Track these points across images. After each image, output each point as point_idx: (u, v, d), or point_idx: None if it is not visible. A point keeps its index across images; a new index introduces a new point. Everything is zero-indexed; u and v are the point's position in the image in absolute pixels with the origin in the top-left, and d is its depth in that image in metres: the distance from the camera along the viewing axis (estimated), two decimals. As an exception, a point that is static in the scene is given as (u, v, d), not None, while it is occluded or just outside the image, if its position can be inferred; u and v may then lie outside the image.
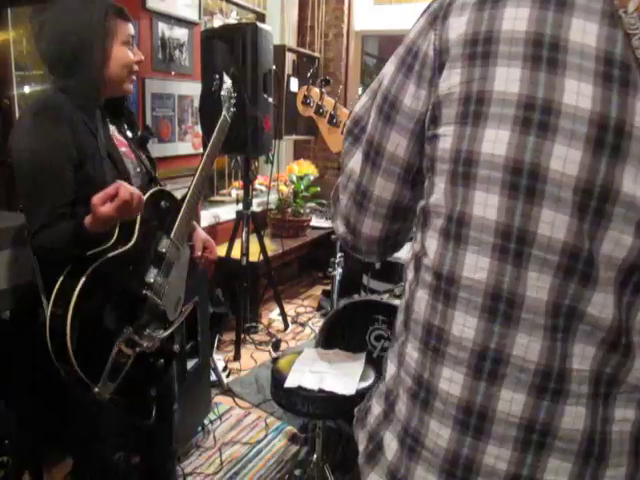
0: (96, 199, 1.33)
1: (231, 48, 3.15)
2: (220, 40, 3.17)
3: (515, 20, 0.66)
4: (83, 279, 1.39)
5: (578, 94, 0.63)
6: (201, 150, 3.58)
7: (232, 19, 4.19)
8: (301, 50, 4.85)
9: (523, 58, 0.65)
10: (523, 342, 0.65)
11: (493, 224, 0.66)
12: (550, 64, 0.64)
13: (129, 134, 1.69)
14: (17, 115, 3.46)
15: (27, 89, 4.04)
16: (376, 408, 0.83)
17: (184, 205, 1.69)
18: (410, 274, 0.78)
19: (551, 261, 0.64)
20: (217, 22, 3.92)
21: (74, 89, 1.49)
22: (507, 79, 0.66)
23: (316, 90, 1.24)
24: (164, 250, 1.62)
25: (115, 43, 1.52)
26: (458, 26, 0.70)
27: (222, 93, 1.97)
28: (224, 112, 1.90)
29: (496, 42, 0.66)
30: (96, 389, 1.41)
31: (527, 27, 0.65)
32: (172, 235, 1.65)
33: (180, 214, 1.68)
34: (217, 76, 2.16)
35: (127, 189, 1.34)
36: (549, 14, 0.65)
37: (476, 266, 0.67)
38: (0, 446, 2.02)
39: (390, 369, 0.82)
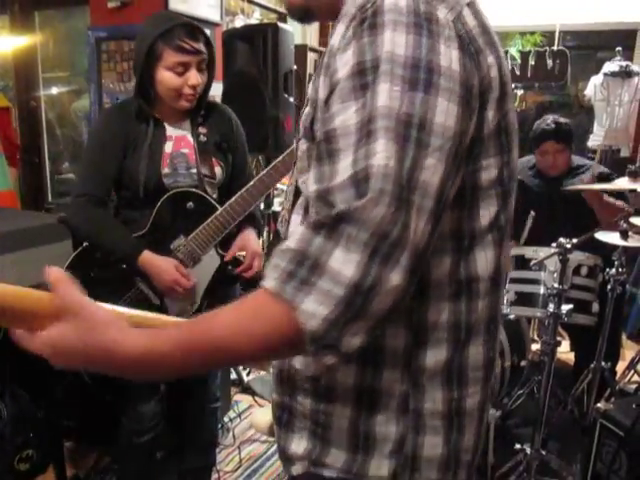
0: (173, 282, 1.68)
1: (252, 48, 3.17)
2: (241, 41, 3.18)
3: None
4: (79, 249, 1.73)
5: None
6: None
7: (254, 19, 4.21)
8: (323, 50, 4.83)
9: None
10: None
11: None
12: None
13: (203, 138, 1.78)
14: (44, 116, 3.55)
15: (54, 90, 4.12)
16: None
17: (217, 213, 1.72)
18: None
19: None
20: (239, 23, 3.94)
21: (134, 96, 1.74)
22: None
23: None
24: (172, 247, 1.72)
25: (159, 67, 1.66)
26: (491, 65, 0.72)
27: None
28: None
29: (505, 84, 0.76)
30: None
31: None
32: (189, 237, 1.70)
33: (208, 220, 1.71)
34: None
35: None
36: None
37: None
38: (25, 440, 2.07)
39: None
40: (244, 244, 1.81)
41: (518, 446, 2.23)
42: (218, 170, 1.80)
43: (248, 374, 3.14)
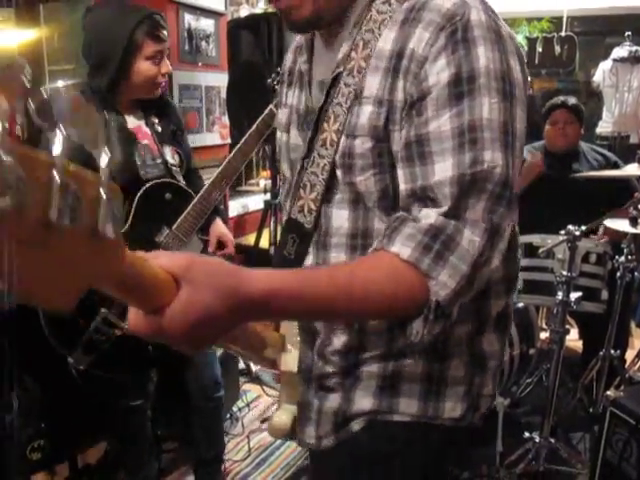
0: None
1: (257, 38, 3.16)
2: (246, 30, 3.18)
3: None
4: None
5: None
6: (228, 140, 3.61)
7: (259, 9, 4.19)
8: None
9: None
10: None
11: None
12: None
13: (158, 128, 1.79)
14: (50, 109, 3.55)
15: (60, 83, 4.13)
16: None
17: (196, 199, 1.75)
18: None
19: None
20: (243, 12, 3.92)
21: (97, 89, 1.67)
22: None
23: None
24: (158, 240, 1.71)
25: (138, 57, 1.65)
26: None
27: None
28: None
29: None
30: (70, 359, 1.55)
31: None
32: (173, 227, 1.72)
33: (189, 207, 1.74)
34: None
35: None
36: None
37: None
38: (37, 430, 2.09)
39: None
40: (220, 233, 1.93)
41: (527, 434, 2.23)
42: (177, 158, 1.85)
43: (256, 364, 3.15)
